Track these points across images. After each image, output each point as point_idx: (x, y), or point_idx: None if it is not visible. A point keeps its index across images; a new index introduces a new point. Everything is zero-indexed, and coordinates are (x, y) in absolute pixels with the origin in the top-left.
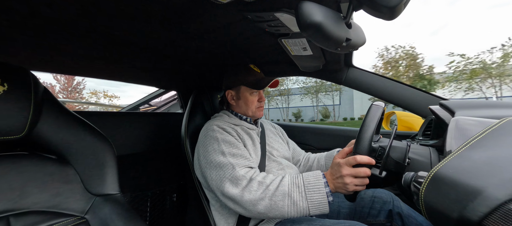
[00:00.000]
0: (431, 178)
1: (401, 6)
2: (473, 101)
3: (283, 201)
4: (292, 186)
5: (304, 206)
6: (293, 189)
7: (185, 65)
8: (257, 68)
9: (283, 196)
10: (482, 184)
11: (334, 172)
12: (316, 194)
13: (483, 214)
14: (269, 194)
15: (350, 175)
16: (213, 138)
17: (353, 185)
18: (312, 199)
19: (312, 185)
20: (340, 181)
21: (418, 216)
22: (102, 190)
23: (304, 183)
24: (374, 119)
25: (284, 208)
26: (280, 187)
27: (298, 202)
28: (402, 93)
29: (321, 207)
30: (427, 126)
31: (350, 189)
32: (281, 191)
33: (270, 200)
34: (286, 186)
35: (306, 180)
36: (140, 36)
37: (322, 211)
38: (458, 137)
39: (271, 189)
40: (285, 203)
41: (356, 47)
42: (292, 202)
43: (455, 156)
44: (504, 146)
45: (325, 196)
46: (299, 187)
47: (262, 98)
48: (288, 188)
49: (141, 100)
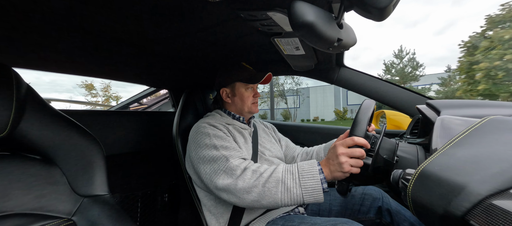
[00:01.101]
0: (418, 175)
1: (390, 7)
2: (458, 101)
3: (276, 187)
4: (286, 173)
5: (298, 193)
6: (287, 176)
7: (176, 64)
8: (249, 65)
9: (276, 182)
10: (465, 180)
11: (330, 155)
12: (310, 180)
13: (466, 209)
14: (262, 181)
15: (346, 154)
16: (204, 134)
17: (349, 165)
18: (306, 185)
19: (306, 172)
20: (335, 162)
21: (406, 212)
22: (90, 191)
23: (299, 170)
24: (369, 109)
25: (277, 195)
26: (274, 174)
27: (292, 189)
28: (391, 93)
29: (315, 194)
30: (414, 125)
31: (346, 169)
32: (275, 177)
33: (264, 187)
34: (280, 173)
35: (301, 167)
36: (129, 33)
37: (316, 199)
38: (443, 135)
39: (264, 176)
40: (278, 190)
41: (347, 48)
42: (285, 189)
43: (440, 153)
44: (485, 144)
45: (319, 183)
46: (293, 174)
47: (257, 93)
48: (282, 175)
49: (131, 99)
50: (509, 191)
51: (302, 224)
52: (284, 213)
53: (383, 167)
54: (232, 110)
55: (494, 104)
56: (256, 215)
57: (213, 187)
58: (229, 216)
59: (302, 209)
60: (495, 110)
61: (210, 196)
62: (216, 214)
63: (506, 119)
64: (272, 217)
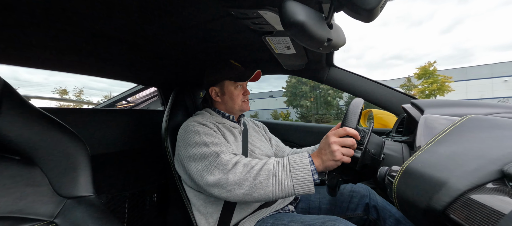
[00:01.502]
0: (402, 172)
1: (378, 9)
2: (440, 101)
3: (267, 179)
4: (277, 165)
5: (289, 185)
6: (278, 168)
7: (165, 61)
8: (238, 63)
9: (268, 175)
10: (446, 176)
11: (322, 145)
12: (301, 172)
13: (446, 203)
14: (253, 174)
15: (338, 143)
16: (194, 132)
17: (340, 154)
18: (297, 176)
19: (297, 163)
20: (328, 150)
21: (391, 208)
22: (73, 192)
23: (290, 162)
24: (359, 104)
25: (268, 187)
26: (265, 166)
27: (283, 180)
28: (378, 93)
29: (306, 185)
30: (400, 123)
31: (337, 156)
32: (266, 170)
33: (255, 179)
34: (271, 165)
35: (292, 159)
36: (116, 28)
37: (307, 190)
38: (426, 133)
39: (256, 169)
40: (269, 182)
41: (337, 47)
42: (276, 181)
43: (423, 151)
44: (464, 141)
45: (310, 174)
46: (284, 166)
47: (246, 91)
48: (273, 167)
49: (117, 97)
50: (485, 186)
51: (292, 222)
52: (274, 212)
53: (371, 164)
54: (222, 109)
55: (473, 104)
56: (246, 214)
57: (203, 184)
58: (219, 215)
59: (292, 207)
60: (474, 109)
61: (199, 195)
62: (206, 213)
63: (483, 117)
64: (262, 215)
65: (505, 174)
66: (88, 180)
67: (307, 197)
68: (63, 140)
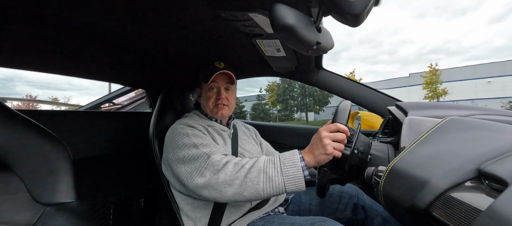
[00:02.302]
0: (388, 172)
1: (364, 14)
2: (423, 103)
3: (258, 177)
4: (268, 163)
5: (279, 181)
6: (269, 165)
7: (154, 62)
8: (222, 63)
9: (258, 172)
10: (428, 175)
11: (313, 140)
12: (292, 168)
13: (429, 201)
14: (244, 172)
15: (329, 137)
16: (183, 134)
17: (332, 147)
18: (288, 173)
19: (288, 160)
20: (319, 145)
21: (378, 207)
22: (53, 199)
23: (280, 159)
24: (348, 105)
25: (259, 185)
26: (256, 164)
27: (274, 177)
28: (365, 95)
29: (296, 181)
30: (385, 125)
31: (329, 150)
32: (257, 168)
33: (245, 178)
34: (262, 163)
35: (282, 156)
36: (102, 28)
37: (298, 187)
38: (410, 134)
39: (246, 167)
40: (260, 179)
41: (325, 51)
42: (267, 178)
43: (407, 151)
44: (444, 142)
45: (300, 170)
46: (274, 163)
47: (221, 95)
48: (264, 165)
49: (102, 98)
50: (464, 184)
51: (282, 224)
52: (264, 214)
53: (358, 165)
54: (206, 111)
55: (453, 106)
56: (235, 217)
57: (193, 186)
58: (208, 220)
59: (282, 209)
60: (453, 111)
61: (187, 200)
62: (194, 218)
63: (462, 119)
64: (252, 218)
65: (482, 173)
66: (69, 185)
67: (297, 199)
68: (41, 144)
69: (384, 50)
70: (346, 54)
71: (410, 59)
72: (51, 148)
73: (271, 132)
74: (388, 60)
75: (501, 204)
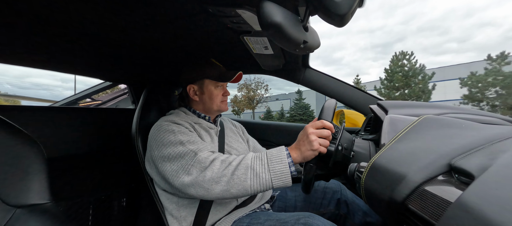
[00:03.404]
0: (369, 168)
1: (349, 15)
2: (402, 102)
3: (245, 174)
4: (255, 160)
5: (266, 178)
6: (256, 162)
7: (137, 57)
8: (218, 62)
9: (245, 169)
10: (405, 170)
11: (300, 137)
12: (278, 165)
13: (405, 195)
14: (231, 169)
15: (315, 134)
16: (168, 131)
17: (318, 143)
18: (275, 169)
19: (275, 157)
20: (306, 141)
21: (360, 202)
22: (25, 200)
23: (267, 156)
24: (333, 103)
25: (246, 182)
26: (243, 161)
27: (261, 174)
28: (348, 94)
29: (283, 177)
30: (367, 123)
31: (315, 146)
32: (244, 164)
33: (233, 174)
34: (249, 160)
35: (269, 153)
36: (79, 19)
37: (285, 183)
38: (390, 132)
39: (233, 164)
40: (247, 176)
41: (312, 50)
42: (254, 175)
43: (387, 148)
44: (420, 139)
45: (287, 166)
46: (261, 160)
47: (226, 92)
48: (251, 162)
49: (80, 94)
50: (437, 178)
51: (268, 221)
52: (251, 211)
53: (342, 161)
54: (198, 109)
55: (429, 105)
56: (221, 215)
57: (179, 184)
58: (193, 218)
59: (268, 206)
60: (429, 110)
61: (172, 198)
62: (179, 217)
63: (436, 117)
64: (238, 215)
65: (452, 167)
66: (42, 186)
67: (283, 195)
68: (10, 142)
69: (453, 38)
70: (401, 45)
71: (490, 45)
72: (23, 147)
73: (258, 129)
74: (458, 49)
75: (468, 196)
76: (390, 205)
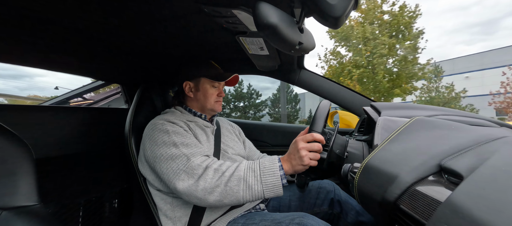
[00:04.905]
0: (363, 168)
1: (343, 17)
2: (394, 103)
3: (238, 185)
4: (248, 171)
5: (259, 190)
6: (249, 173)
7: (131, 56)
8: (216, 64)
9: (238, 181)
10: (397, 171)
11: (291, 150)
12: (271, 177)
13: (397, 195)
14: (224, 180)
15: (306, 149)
16: (162, 131)
17: (308, 158)
18: (267, 182)
19: (268, 169)
20: (297, 156)
21: (353, 201)
22: (11, 202)
23: (260, 167)
24: (326, 108)
25: (239, 193)
26: (236, 172)
27: (253, 186)
28: (343, 95)
29: (275, 189)
30: (361, 124)
31: (306, 161)
32: (237, 176)
33: (226, 186)
34: (242, 171)
35: (262, 165)
36: (72, 18)
37: (276, 193)
38: (383, 133)
39: (226, 175)
40: (240, 188)
41: (307, 51)
42: (247, 186)
43: (380, 148)
44: (412, 140)
45: (279, 179)
46: (254, 172)
47: (221, 92)
48: (244, 173)
49: (70, 93)
50: (427, 178)
51: (262, 221)
52: (245, 211)
53: (336, 162)
54: (193, 107)
55: (420, 107)
56: (216, 216)
57: (172, 186)
58: (188, 219)
59: (263, 206)
60: (420, 112)
61: (166, 199)
62: (173, 218)
63: (427, 119)
64: (233, 216)
65: (442, 168)
66: (30, 187)
67: None
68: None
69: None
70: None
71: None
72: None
73: (254, 131)
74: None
75: (457, 196)
76: (382, 205)
